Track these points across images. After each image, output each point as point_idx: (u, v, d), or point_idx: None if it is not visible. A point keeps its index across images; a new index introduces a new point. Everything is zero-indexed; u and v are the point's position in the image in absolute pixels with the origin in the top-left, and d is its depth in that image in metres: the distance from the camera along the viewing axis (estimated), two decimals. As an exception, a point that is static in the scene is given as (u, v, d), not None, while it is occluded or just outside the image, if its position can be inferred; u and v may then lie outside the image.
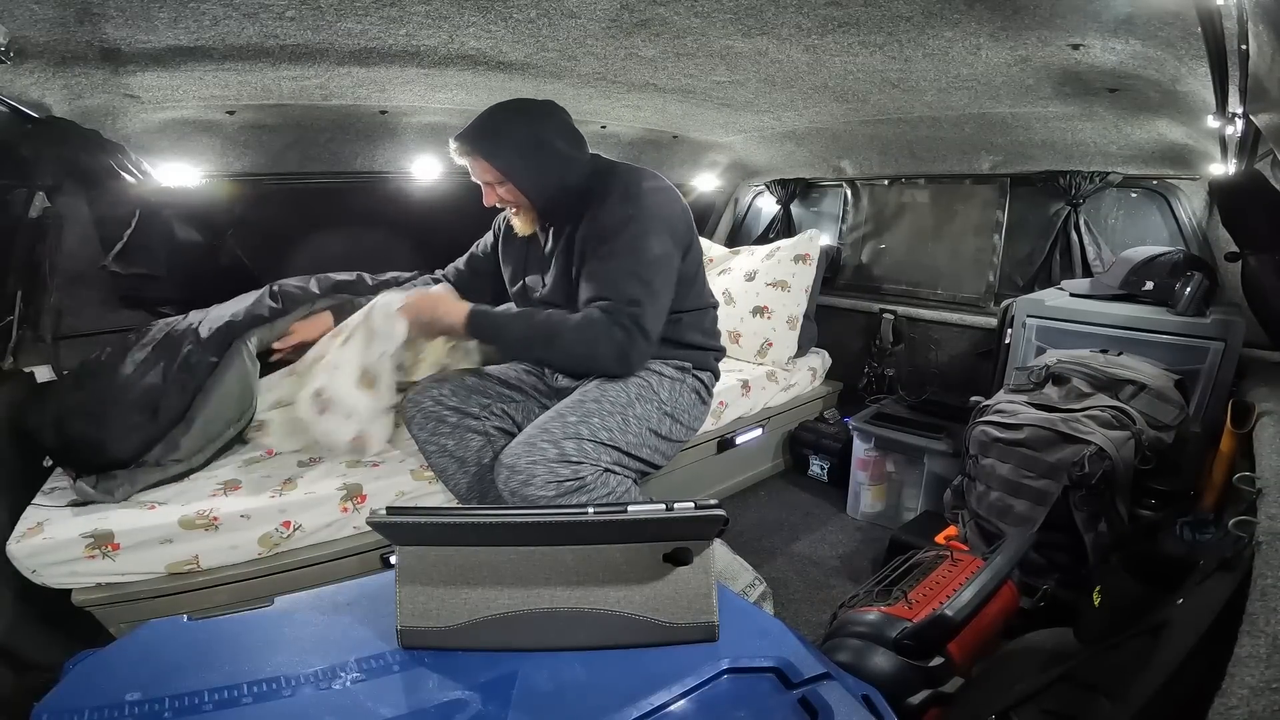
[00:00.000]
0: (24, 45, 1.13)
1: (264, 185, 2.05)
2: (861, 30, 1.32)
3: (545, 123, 1.36)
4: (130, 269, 1.79)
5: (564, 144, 1.37)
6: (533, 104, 1.37)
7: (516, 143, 1.33)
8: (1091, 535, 1.40)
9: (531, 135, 1.33)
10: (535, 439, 1.27)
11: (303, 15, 1.18)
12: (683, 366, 1.50)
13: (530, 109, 1.36)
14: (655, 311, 1.34)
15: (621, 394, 1.38)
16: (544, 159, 1.34)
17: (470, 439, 1.45)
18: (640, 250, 1.32)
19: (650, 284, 1.32)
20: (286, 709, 0.61)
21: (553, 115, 1.38)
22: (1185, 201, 2.10)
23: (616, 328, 1.29)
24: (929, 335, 2.65)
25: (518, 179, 1.35)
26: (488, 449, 1.45)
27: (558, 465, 1.23)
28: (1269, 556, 0.73)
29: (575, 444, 1.27)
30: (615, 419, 1.34)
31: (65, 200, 1.65)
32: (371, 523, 0.69)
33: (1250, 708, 0.53)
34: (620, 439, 1.34)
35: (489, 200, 1.42)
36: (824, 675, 0.66)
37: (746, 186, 3.30)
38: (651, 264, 1.33)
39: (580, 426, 1.29)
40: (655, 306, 1.34)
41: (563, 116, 1.40)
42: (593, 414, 1.32)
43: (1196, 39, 1.02)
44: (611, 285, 1.31)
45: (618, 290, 1.30)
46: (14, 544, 1.20)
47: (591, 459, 1.27)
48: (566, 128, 1.39)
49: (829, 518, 2.22)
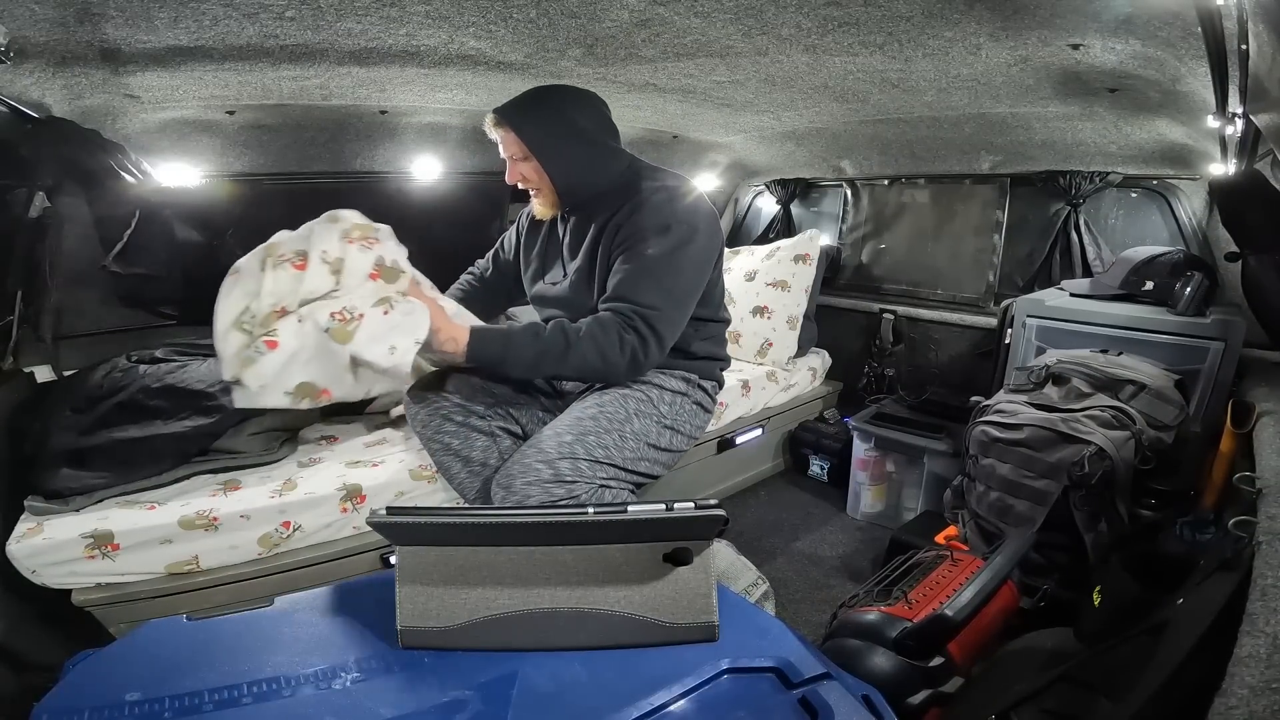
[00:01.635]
0: (24, 45, 1.13)
1: (264, 185, 2.05)
2: (861, 30, 1.32)
3: (583, 110, 1.35)
4: (130, 269, 1.79)
5: (598, 134, 1.36)
6: (575, 91, 1.37)
7: (550, 121, 1.32)
8: (1091, 535, 1.40)
9: (566, 118, 1.33)
10: (530, 460, 1.26)
11: (303, 15, 1.18)
12: (688, 379, 1.48)
13: (572, 94, 1.36)
14: (672, 320, 1.32)
15: (620, 409, 1.36)
16: (574, 143, 1.33)
17: (475, 439, 1.43)
18: (675, 260, 1.30)
19: (672, 292, 1.30)
20: (286, 709, 0.61)
21: (593, 105, 1.38)
22: (1185, 201, 2.10)
23: (630, 332, 1.28)
24: (929, 335, 2.65)
25: (544, 157, 1.33)
26: (493, 449, 1.43)
27: (552, 486, 1.22)
28: (1269, 556, 0.72)
29: (570, 464, 1.25)
30: (612, 436, 1.32)
31: (65, 200, 1.65)
32: (371, 523, 0.69)
33: (1250, 708, 0.53)
34: (616, 455, 1.32)
35: (511, 177, 1.39)
36: (824, 675, 0.66)
37: (746, 186, 3.30)
38: (681, 274, 1.31)
39: (575, 445, 1.28)
40: (674, 315, 1.32)
41: (603, 109, 1.40)
42: (589, 431, 1.31)
43: (1196, 39, 1.02)
44: (634, 288, 1.29)
45: (638, 293, 1.29)
46: (14, 544, 1.20)
47: (586, 477, 1.26)
48: (604, 120, 1.39)
49: (829, 518, 2.22)
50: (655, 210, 1.32)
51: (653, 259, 1.29)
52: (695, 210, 1.36)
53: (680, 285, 1.32)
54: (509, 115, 1.33)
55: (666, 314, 1.30)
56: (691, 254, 1.32)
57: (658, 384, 1.44)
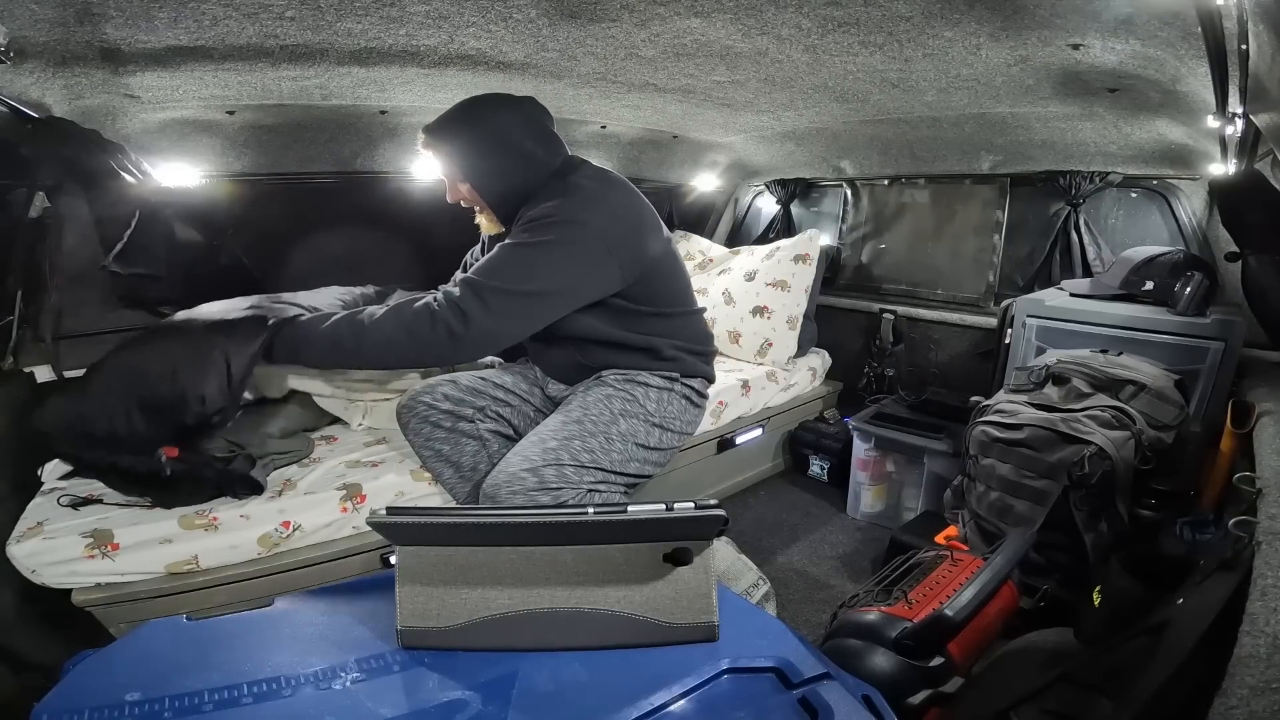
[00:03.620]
0: (24, 45, 1.13)
1: (264, 185, 2.05)
2: (861, 30, 1.32)
3: (515, 121, 1.29)
4: (130, 269, 1.79)
5: (532, 145, 1.29)
6: (507, 100, 1.30)
7: (480, 140, 1.26)
8: (1091, 535, 1.40)
9: (496, 133, 1.26)
10: (516, 468, 1.23)
11: (303, 15, 1.18)
12: (669, 376, 1.44)
13: (502, 105, 1.29)
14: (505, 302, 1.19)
15: (604, 411, 1.34)
16: (505, 159, 1.27)
17: (465, 443, 1.43)
18: (531, 250, 1.21)
19: (517, 275, 1.19)
20: (286, 709, 0.61)
21: (525, 113, 1.31)
22: (1185, 201, 2.10)
23: (445, 306, 1.17)
24: (929, 335, 2.65)
25: (475, 178, 1.29)
26: (483, 453, 1.43)
27: (538, 493, 1.21)
28: (1269, 556, 0.72)
29: (555, 470, 1.23)
30: (597, 439, 1.30)
31: (65, 200, 1.64)
32: (371, 523, 0.69)
33: (1250, 708, 0.53)
34: (604, 459, 1.30)
35: (451, 197, 1.36)
36: (824, 675, 0.66)
37: (746, 186, 3.30)
38: (535, 264, 1.20)
39: (560, 452, 1.26)
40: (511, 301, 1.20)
41: (538, 116, 1.33)
42: (573, 436, 1.29)
43: (1196, 39, 1.02)
44: (478, 269, 1.22)
45: (477, 271, 1.21)
46: (14, 544, 1.20)
47: (573, 483, 1.24)
48: (539, 128, 1.32)
49: (829, 518, 2.22)
50: (541, 204, 1.25)
51: (508, 246, 1.23)
52: (584, 205, 1.25)
53: (530, 274, 1.20)
54: (437, 135, 1.28)
55: (500, 294, 1.19)
56: (560, 248, 1.22)
57: (642, 381, 1.41)
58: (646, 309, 1.39)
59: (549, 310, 1.27)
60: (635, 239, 1.32)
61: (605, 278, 1.29)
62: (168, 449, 1.23)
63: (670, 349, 1.43)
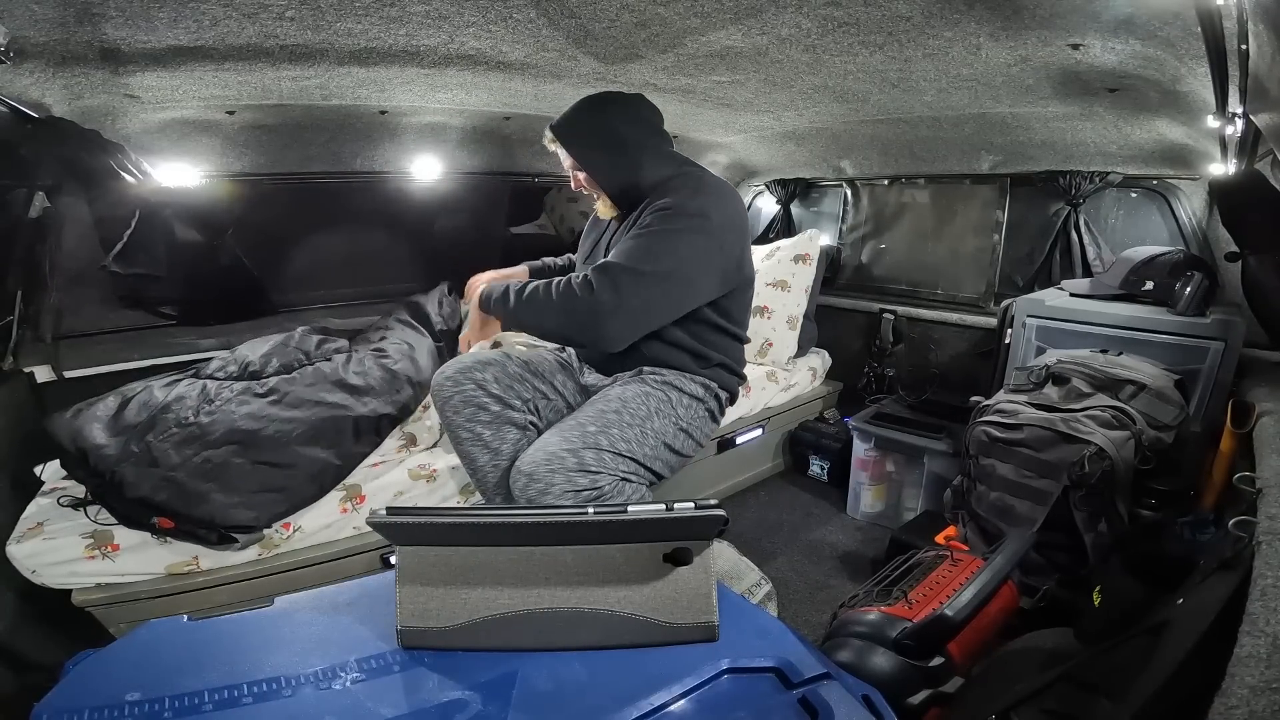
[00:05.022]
0: (24, 45, 1.13)
1: (264, 185, 2.05)
2: (861, 30, 1.32)
3: (626, 118, 1.41)
4: (130, 269, 1.79)
5: (641, 139, 1.41)
6: (620, 99, 1.42)
7: (597, 136, 1.39)
8: (1091, 535, 1.40)
9: (612, 131, 1.39)
10: (555, 448, 1.25)
11: (303, 15, 1.18)
12: (706, 386, 1.49)
13: (616, 104, 1.41)
14: (640, 285, 1.26)
15: (642, 406, 1.37)
16: (620, 154, 1.39)
17: (508, 432, 1.41)
18: (666, 236, 1.28)
19: (650, 258, 1.26)
20: (286, 709, 0.61)
21: (635, 110, 1.43)
22: (1185, 201, 2.10)
23: (588, 285, 1.24)
24: (929, 335, 2.65)
25: (594, 170, 1.41)
26: (523, 442, 1.41)
27: (576, 475, 1.22)
28: (1269, 556, 0.72)
29: (594, 454, 1.26)
30: (634, 430, 1.33)
31: (65, 200, 1.65)
32: (371, 523, 0.69)
33: (1250, 708, 0.53)
34: (638, 450, 1.33)
35: (575, 185, 1.48)
36: (824, 675, 0.66)
37: (746, 186, 3.30)
38: (668, 251, 1.28)
39: (600, 437, 1.29)
40: (646, 285, 1.26)
41: (647, 115, 1.44)
42: (612, 424, 1.32)
43: (1196, 39, 1.01)
44: (618, 252, 1.30)
45: (618, 255, 1.29)
46: (14, 544, 1.20)
47: (610, 469, 1.27)
48: (648, 125, 1.44)
49: (829, 518, 2.22)
50: (670, 194, 1.33)
51: (645, 230, 1.30)
52: (712, 202, 1.34)
53: (663, 258, 1.27)
54: (559, 132, 1.41)
55: (636, 275, 1.25)
56: (687, 236, 1.29)
57: (678, 386, 1.44)
58: (716, 319, 1.45)
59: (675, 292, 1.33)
60: (742, 251, 1.44)
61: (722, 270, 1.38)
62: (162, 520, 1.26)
63: (717, 360, 1.49)
